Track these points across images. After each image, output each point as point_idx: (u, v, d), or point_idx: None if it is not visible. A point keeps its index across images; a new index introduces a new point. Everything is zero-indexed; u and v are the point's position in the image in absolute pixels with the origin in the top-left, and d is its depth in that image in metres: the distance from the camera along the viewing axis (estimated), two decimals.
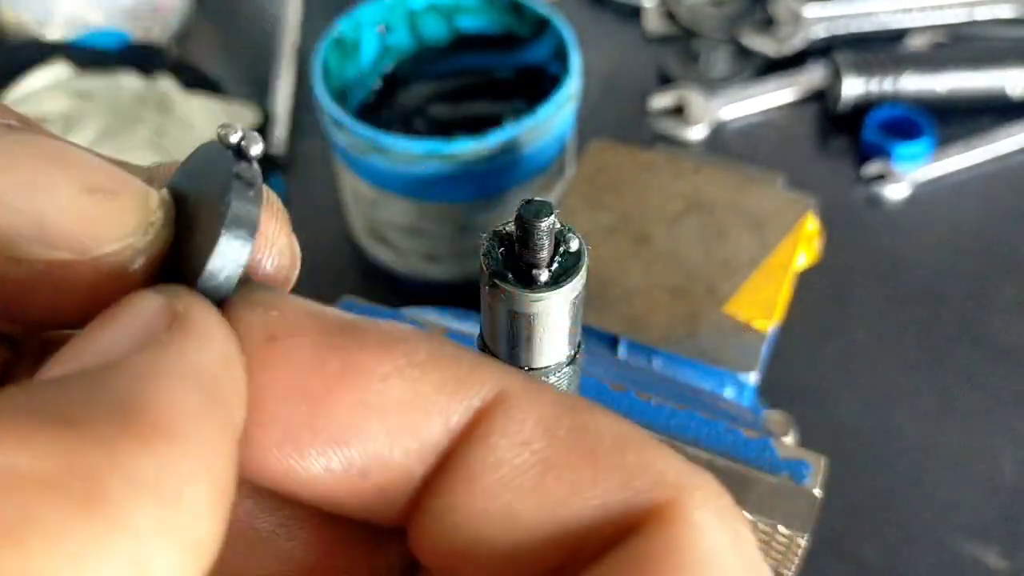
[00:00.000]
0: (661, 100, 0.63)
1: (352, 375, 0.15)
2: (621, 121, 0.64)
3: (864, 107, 0.62)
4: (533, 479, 0.15)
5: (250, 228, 0.17)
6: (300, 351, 0.15)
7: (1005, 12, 0.67)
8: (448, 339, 0.16)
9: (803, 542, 0.34)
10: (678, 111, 0.63)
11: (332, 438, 0.15)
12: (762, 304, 0.43)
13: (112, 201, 0.16)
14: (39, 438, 0.12)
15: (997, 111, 0.62)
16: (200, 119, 0.60)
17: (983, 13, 0.67)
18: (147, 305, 0.15)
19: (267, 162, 0.61)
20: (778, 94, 0.64)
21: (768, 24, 0.67)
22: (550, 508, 0.15)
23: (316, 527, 0.18)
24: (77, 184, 0.16)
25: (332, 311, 0.16)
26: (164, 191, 0.18)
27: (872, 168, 0.60)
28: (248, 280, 0.17)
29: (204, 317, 0.15)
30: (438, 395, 0.15)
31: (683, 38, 0.68)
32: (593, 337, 0.43)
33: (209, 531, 0.13)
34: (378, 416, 0.15)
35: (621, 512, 0.15)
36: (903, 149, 0.60)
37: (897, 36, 0.67)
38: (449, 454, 0.15)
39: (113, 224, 0.16)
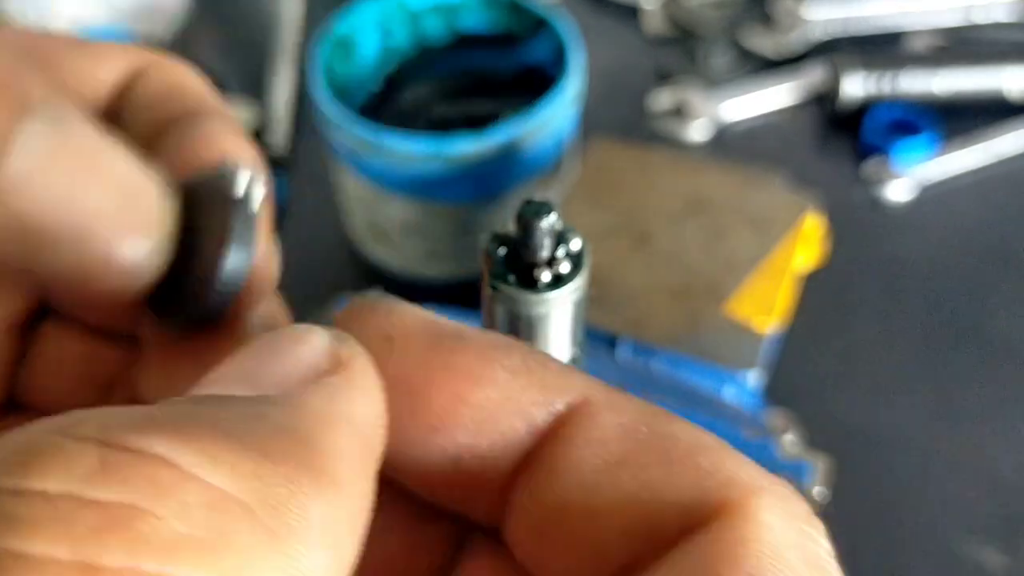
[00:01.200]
0: (661, 100, 0.63)
1: (452, 372, 0.17)
2: (621, 121, 0.64)
3: (864, 107, 0.62)
4: (610, 477, 0.16)
5: (249, 249, 0.20)
6: (411, 349, 0.17)
7: (1003, 15, 0.67)
8: (543, 351, 0.18)
9: None
10: (678, 111, 0.63)
11: (429, 425, 0.17)
12: (762, 304, 0.43)
13: (138, 206, 0.19)
14: (237, 463, 0.13)
15: (997, 112, 0.62)
16: None
17: (981, 16, 0.67)
18: (315, 343, 0.16)
19: (267, 162, 0.61)
20: (778, 94, 0.64)
21: (768, 24, 0.67)
22: (625, 503, 0.16)
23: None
24: (112, 189, 0.18)
25: (443, 319, 0.18)
26: (175, 202, 0.20)
27: (872, 168, 0.60)
28: (375, 292, 0.20)
29: (364, 368, 0.17)
30: (525, 396, 0.17)
31: (683, 38, 0.68)
32: (593, 337, 0.43)
33: (350, 571, 0.15)
34: (470, 410, 0.17)
35: (692, 509, 0.15)
36: (903, 149, 0.60)
37: (896, 38, 0.67)
38: (534, 453, 0.17)
39: (138, 226, 0.19)
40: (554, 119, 0.49)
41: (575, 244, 0.21)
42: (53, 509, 0.12)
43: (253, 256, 0.20)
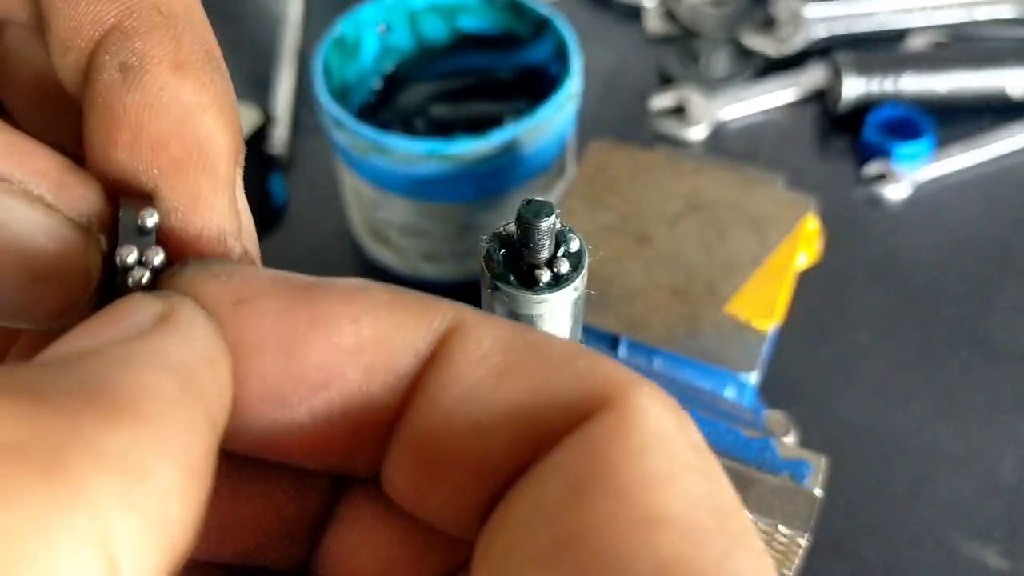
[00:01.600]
0: (661, 100, 0.63)
1: (323, 321, 0.16)
2: (621, 121, 0.64)
3: (864, 107, 0.62)
4: (495, 387, 0.16)
5: None
6: (270, 307, 0.16)
7: (1005, 12, 0.67)
8: (405, 288, 0.17)
9: (803, 542, 0.34)
10: (678, 111, 0.63)
11: (312, 383, 0.16)
12: (762, 304, 0.43)
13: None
14: (7, 409, 0.13)
15: (997, 111, 0.62)
16: None
17: (983, 13, 0.67)
18: (137, 304, 0.16)
19: (268, 162, 0.61)
20: (778, 94, 0.64)
21: (768, 24, 0.67)
22: (513, 411, 0.16)
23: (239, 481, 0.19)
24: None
25: (294, 274, 0.17)
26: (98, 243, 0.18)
27: (872, 168, 0.60)
28: (202, 258, 0.18)
29: (190, 316, 0.16)
30: (405, 328, 0.16)
31: (683, 38, 0.68)
32: (593, 337, 0.43)
33: (179, 513, 0.14)
34: (353, 356, 0.16)
35: (576, 405, 0.16)
36: (903, 149, 0.60)
37: (897, 36, 0.67)
38: (417, 381, 0.16)
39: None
40: (554, 119, 0.49)
41: (575, 244, 0.21)
42: None
43: None
